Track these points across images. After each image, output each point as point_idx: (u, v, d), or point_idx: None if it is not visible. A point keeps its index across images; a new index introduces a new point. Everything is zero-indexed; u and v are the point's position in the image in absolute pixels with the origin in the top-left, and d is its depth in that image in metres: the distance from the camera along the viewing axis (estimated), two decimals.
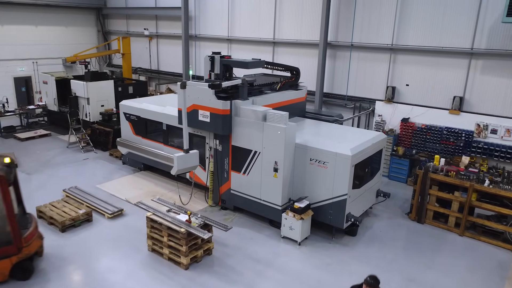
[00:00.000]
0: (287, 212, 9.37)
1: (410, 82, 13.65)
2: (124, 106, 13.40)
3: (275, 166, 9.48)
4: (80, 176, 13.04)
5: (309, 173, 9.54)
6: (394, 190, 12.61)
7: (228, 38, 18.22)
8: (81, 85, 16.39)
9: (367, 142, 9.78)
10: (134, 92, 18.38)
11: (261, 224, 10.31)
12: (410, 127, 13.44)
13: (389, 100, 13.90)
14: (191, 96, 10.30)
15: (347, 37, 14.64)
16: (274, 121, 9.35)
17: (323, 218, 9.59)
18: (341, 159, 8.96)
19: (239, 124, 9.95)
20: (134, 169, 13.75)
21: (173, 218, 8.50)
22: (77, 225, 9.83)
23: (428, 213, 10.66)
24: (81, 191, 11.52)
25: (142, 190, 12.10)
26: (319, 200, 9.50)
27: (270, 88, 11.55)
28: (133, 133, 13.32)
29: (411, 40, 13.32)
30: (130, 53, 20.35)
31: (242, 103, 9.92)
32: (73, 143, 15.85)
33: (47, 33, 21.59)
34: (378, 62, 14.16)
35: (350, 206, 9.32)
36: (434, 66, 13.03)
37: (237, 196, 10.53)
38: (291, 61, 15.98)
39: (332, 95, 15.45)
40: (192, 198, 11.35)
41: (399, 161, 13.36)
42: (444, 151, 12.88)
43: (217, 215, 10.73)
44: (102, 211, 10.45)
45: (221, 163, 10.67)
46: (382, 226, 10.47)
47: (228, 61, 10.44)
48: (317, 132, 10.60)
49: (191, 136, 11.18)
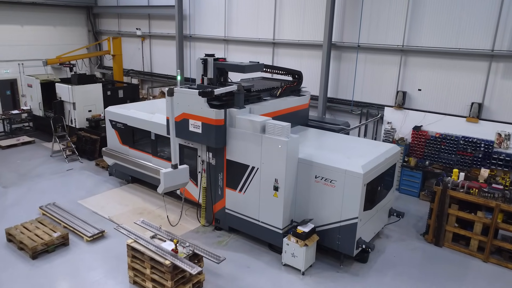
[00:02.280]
0: (289, 237, 8.21)
1: (422, 87, 12.49)
2: (110, 112, 12.23)
3: (276, 184, 8.32)
4: (61, 189, 11.87)
5: (314, 192, 8.39)
6: (406, 205, 11.48)
7: (224, 39, 17.06)
8: (66, 88, 15.23)
9: (380, 157, 8.62)
10: (124, 96, 17.23)
11: (260, 248, 9.16)
12: (422, 136, 12.29)
13: (399, 106, 12.75)
14: (181, 104, 9.15)
15: (353, 37, 13.48)
16: (274, 133, 8.19)
17: (330, 244, 8.44)
18: (351, 177, 7.80)
19: (235, 136, 8.80)
20: (121, 181, 12.59)
21: (157, 247, 7.34)
22: (50, 250, 8.66)
23: (447, 235, 9.51)
24: (59, 208, 10.35)
25: (128, 207, 10.94)
26: (326, 223, 8.35)
27: (269, 94, 10.40)
28: (119, 142, 12.16)
29: (424, 41, 12.16)
30: (121, 55, 19.20)
31: (238, 112, 8.76)
32: (57, 152, 14.69)
33: (34, 33, 20.39)
34: (388, 64, 13.00)
35: (361, 230, 8.18)
36: (450, 69, 11.87)
37: (233, 216, 9.37)
38: (292, 63, 14.84)
39: (336, 100, 14.29)
40: (183, 216, 10.20)
41: (411, 173, 12.21)
42: (461, 162, 11.73)
43: (210, 237, 9.57)
44: (81, 233, 9.28)
45: (215, 179, 9.51)
46: (395, 250, 9.32)
47: (223, 65, 9.28)
48: (323, 144, 9.44)
49: (181, 147, 10.04)
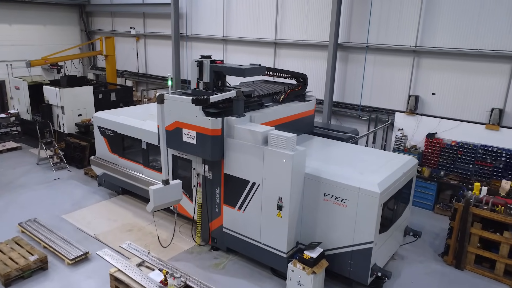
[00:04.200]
0: (295, 263, 7.26)
1: (437, 91, 11.55)
2: (98, 118, 11.28)
3: (279, 203, 7.37)
4: (45, 202, 10.92)
5: (323, 211, 7.44)
6: (420, 220, 10.54)
7: (223, 39, 16.11)
8: (54, 91, 14.28)
9: (397, 172, 7.66)
10: (117, 99, 16.29)
11: (261, 272, 8.21)
12: (437, 144, 11.34)
13: (411, 112, 11.80)
14: (173, 111, 8.21)
15: (361, 37, 12.53)
16: (277, 145, 7.24)
17: (340, 270, 7.49)
18: (366, 196, 6.86)
19: (233, 148, 7.85)
20: (111, 193, 11.64)
21: (144, 278, 6.40)
22: (26, 276, 7.71)
23: (469, 256, 8.57)
24: (40, 225, 9.40)
25: (116, 223, 9.98)
26: (336, 246, 7.40)
27: (271, 99, 9.46)
28: (108, 151, 11.22)
29: (439, 41, 11.21)
30: (114, 55, 18.26)
31: (237, 121, 7.81)
32: (44, 159, 13.74)
33: (23, 33, 19.41)
34: (399, 66, 12.06)
35: (376, 254, 7.23)
36: (468, 72, 10.93)
37: (231, 236, 8.42)
38: (295, 65, 13.89)
39: (343, 104, 13.34)
40: (177, 233, 9.27)
41: (425, 184, 11.25)
42: (479, 173, 10.79)
43: (206, 258, 8.62)
44: (62, 254, 8.33)
45: (211, 194, 8.56)
46: (412, 274, 8.37)
47: (220, 68, 8.34)
48: (331, 156, 8.48)
49: (175, 159, 9.09)
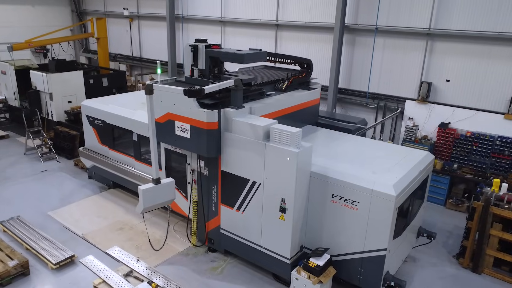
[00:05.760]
0: (299, 270, 6.60)
1: (451, 77, 10.72)
2: (86, 107, 10.48)
3: (283, 205, 6.66)
4: (31, 197, 10.21)
5: (330, 214, 6.73)
6: (431, 216, 9.85)
7: (221, 20, 15.15)
8: (41, 77, 13.41)
9: (413, 170, 6.91)
10: (109, 85, 15.38)
11: (262, 278, 7.55)
12: (450, 135, 10.59)
13: (423, 100, 11.00)
14: (165, 102, 7.42)
15: (370, 19, 11.62)
16: (281, 141, 6.48)
17: (348, 277, 6.83)
18: (380, 199, 6.13)
19: (231, 143, 7.08)
20: (102, 186, 10.93)
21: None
22: (5, 283, 7.05)
23: (487, 259, 7.92)
24: (24, 224, 8.71)
25: (106, 220, 9.30)
26: (344, 252, 6.72)
27: (273, 87, 8.65)
28: (98, 142, 10.45)
29: (455, 23, 10.33)
30: (106, 37, 17.25)
31: (235, 113, 7.02)
32: (32, 149, 12.98)
33: (10, 14, 18.44)
34: (410, 50, 11.18)
35: (389, 261, 6.56)
36: (486, 56, 10.08)
37: (229, 238, 7.74)
38: (298, 48, 13.01)
39: (349, 91, 12.51)
40: (171, 231, 8.61)
41: (436, 177, 10.51)
42: (496, 166, 10.07)
43: (202, 261, 7.96)
44: (45, 258, 7.65)
45: (208, 192, 7.84)
46: (426, 279, 7.72)
47: (217, 53, 7.50)
48: (339, 151, 7.71)
49: (168, 153, 8.34)
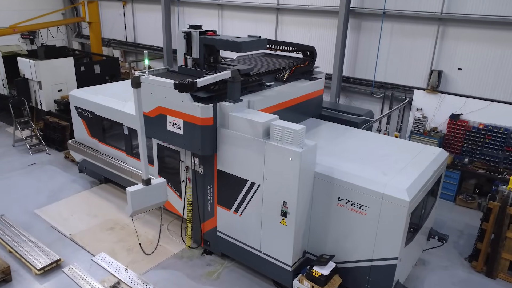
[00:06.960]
0: (302, 280, 6.08)
1: (464, 66, 10.04)
2: (74, 98, 9.84)
3: (284, 208, 6.10)
4: (17, 193, 9.66)
5: (336, 218, 6.17)
6: (440, 213, 9.32)
7: (219, 3, 14.37)
8: (29, 64, 12.72)
9: (427, 170, 6.32)
10: (102, 72, 14.69)
11: (262, 284, 7.05)
12: (462, 127, 9.98)
13: (433, 89, 10.35)
14: (156, 95, 6.79)
15: (377, 2, 10.87)
16: (282, 139, 5.88)
17: (355, 286, 6.30)
18: (392, 204, 5.57)
19: (228, 141, 6.48)
20: (93, 181, 10.37)
21: None
22: None
23: (502, 263, 7.41)
24: (8, 224, 8.17)
25: (96, 219, 8.76)
26: (351, 259, 6.20)
27: (274, 77, 8.00)
28: (88, 135, 9.86)
29: (469, 7, 9.61)
30: (98, 22, 16.46)
31: (232, 108, 6.40)
32: (21, 140, 12.38)
33: None
34: (420, 36, 10.47)
35: (399, 270, 6.04)
36: (502, 43, 9.39)
37: (226, 240, 7.21)
38: (300, 34, 12.30)
39: (354, 80, 11.84)
40: (164, 231, 8.08)
41: (446, 172, 9.85)
42: (510, 161, 9.50)
43: (198, 265, 7.44)
44: (29, 263, 7.14)
45: (203, 192, 7.28)
46: (437, 284, 7.22)
47: (213, 41, 6.85)
48: (345, 148, 7.10)
49: (160, 149, 7.74)
